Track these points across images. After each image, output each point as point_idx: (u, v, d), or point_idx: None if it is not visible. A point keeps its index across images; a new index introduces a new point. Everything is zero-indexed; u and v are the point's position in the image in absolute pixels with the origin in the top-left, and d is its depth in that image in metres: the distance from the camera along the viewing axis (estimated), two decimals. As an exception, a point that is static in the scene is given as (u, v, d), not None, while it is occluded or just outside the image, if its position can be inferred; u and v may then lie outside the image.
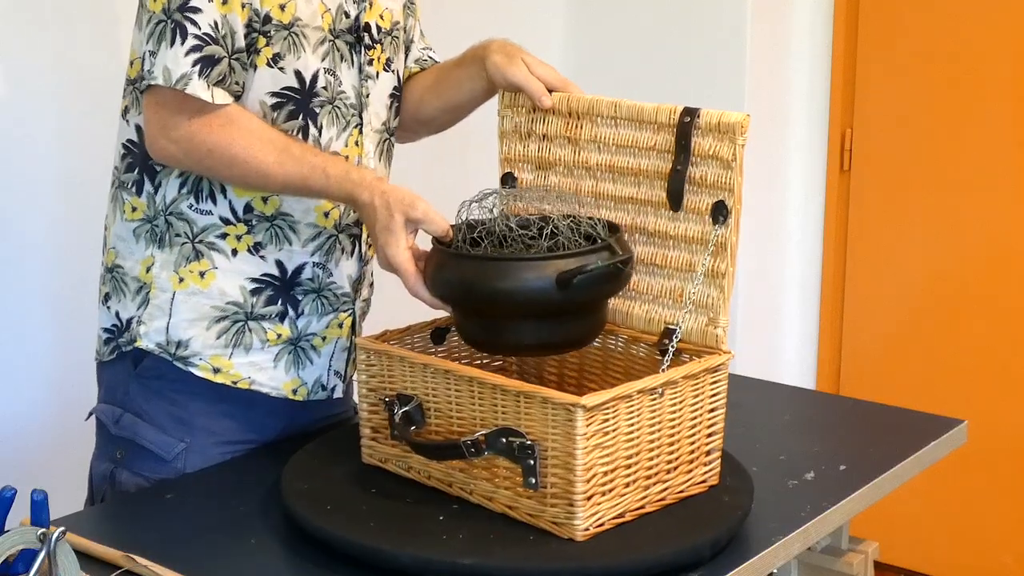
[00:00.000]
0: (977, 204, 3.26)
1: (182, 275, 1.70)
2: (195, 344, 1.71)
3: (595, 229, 1.56)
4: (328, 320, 1.78)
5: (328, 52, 1.69)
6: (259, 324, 1.73)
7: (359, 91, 1.74)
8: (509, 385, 1.45)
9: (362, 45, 1.74)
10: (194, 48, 1.56)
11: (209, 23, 1.57)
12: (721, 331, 1.56)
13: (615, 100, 1.64)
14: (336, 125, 1.72)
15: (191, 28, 1.56)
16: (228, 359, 1.72)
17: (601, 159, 1.67)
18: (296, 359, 1.76)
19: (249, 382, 1.73)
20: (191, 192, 1.68)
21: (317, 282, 1.75)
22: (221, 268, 1.70)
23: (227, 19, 1.58)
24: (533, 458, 1.43)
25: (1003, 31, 3.16)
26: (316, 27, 1.67)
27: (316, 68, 1.68)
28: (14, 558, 1.25)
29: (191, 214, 1.69)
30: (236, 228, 1.69)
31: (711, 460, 1.57)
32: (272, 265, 1.72)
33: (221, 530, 1.55)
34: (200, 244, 1.69)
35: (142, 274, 1.71)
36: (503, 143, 1.76)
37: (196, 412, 1.73)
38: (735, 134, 1.52)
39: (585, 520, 1.42)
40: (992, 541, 3.35)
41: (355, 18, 1.73)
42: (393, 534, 1.44)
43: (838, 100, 3.38)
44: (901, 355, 3.43)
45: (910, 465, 1.81)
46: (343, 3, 1.71)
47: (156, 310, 1.71)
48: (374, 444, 1.63)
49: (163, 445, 1.72)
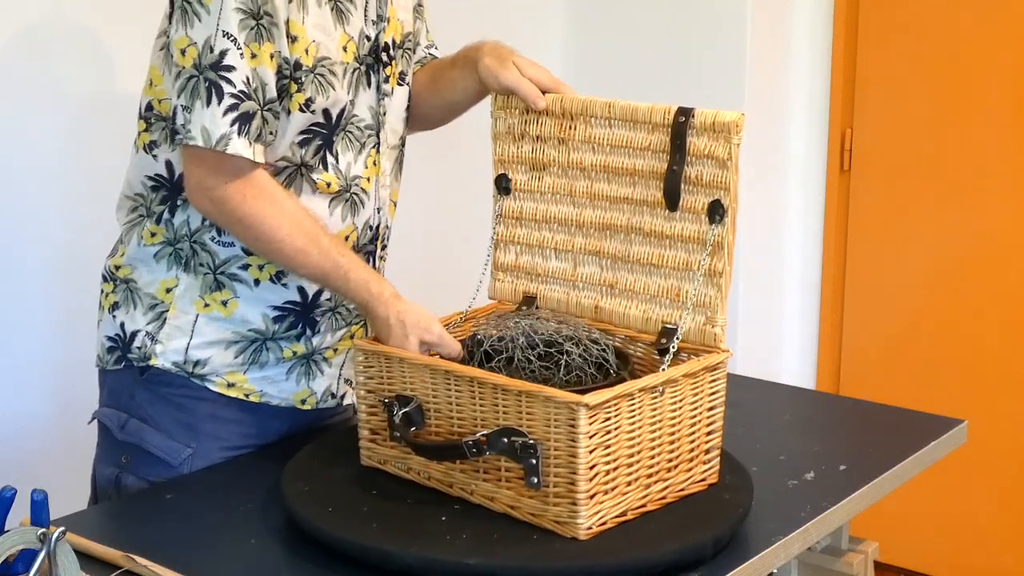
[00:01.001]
0: (977, 204, 3.25)
1: (207, 300, 1.70)
2: (213, 363, 1.72)
3: (606, 358, 1.58)
4: (341, 334, 1.79)
5: (351, 82, 1.69)
6: (276, 344, 1.74)
7: (376, 111, 1.74)
8: (510, 385, 1.45)
9: (380, 65, 1.74)
10: (231, 108, 1.55)
11: (242, 79, 1.56)
12: (719, 330, 1.56)
13: (609, 101, 1.64)
14: (351, 149, 1.71)
15: (227, 87, 1.55)
16: (243, 374, 1.74)
17: (596, 160, 1.67)
18: (308, 371, 1.78)
19: (260, 395, 1.75)
20: (213, 224, 1.68)
21: (334, 301, 1.76)
22: (244, 297, 1.71)
23: (257, 72, 1.57)
24: (535, 457, 1.43)
25: (1003, 31, 3.16)
26: (341, 62, 1.66)
27: (344, 102, 1.68)
28: (14, 558, 1.25)
29: (213, 246, 1.69)
30: (258, 258, 1.69)
31: (711, 458, 1.58)
32: (294, 292, 1.72)
33: (221, 530, 1.55)
34: (222, 276, 1.70)
35: (160, 293, 1.71)
36: (496, 145, 1.76)
37: (203, 418, 1.73)
38: (730, 133, 1.52)
39: (588, 519, 1.42)
40: (992, 541, 3.35)
41: (375, 39, 1.72)
42: (396, 535, 1.44)
43: (838, 100, 3.38)
44: (901, 355, 3.43)
45: (910, 465, 1.81)
46: (363, 27, 1.70)
47: (175, 331, 1.71)
48: (373, 446, 1.63)
49: (170, 451, 1.72)
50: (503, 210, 1.77)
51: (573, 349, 1.59)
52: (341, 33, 1.67)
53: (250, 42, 1.55)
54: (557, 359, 1.60)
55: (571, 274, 1.72)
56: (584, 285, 1.72)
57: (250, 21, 1.55)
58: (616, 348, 1.64)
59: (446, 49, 1.93)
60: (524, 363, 1.60)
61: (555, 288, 1.74)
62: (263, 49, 1.56)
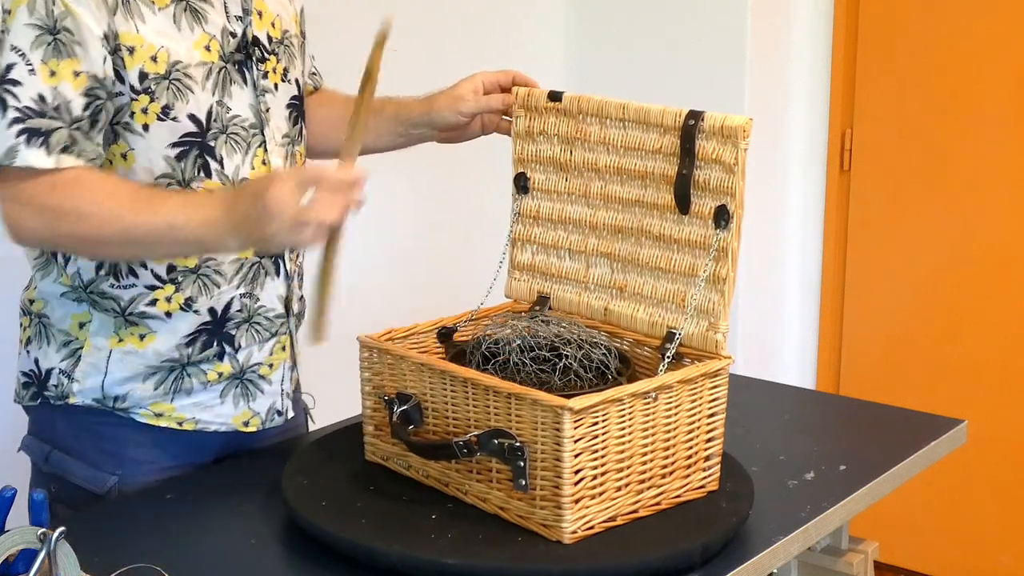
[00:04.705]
0: (977, 204, 3.26)
1: (121, 335, 1.64)
2: (134, 396, 1.67)
3: (607, 363, 1.58)
4: (270, 346, 1.73)
5: (217, 83, 1.62)
6: (197, 368, 1.68)
7: (257, 108, 1.67)
8: (501, 387, 1.45)
9: (253, 61, 1.66)
10: (16, 120, 1.47)
11: (31, 96, 1.48)
12: (721, 336, 1.55)
13: (623, 102, 1.64)
14: (238, 151, 1.64)
15: (11, 101, 1.47)
16: (170, 403, 1.68)
17: (610, 161, 1.67)
18: (245, 391, 1.72)
19: (195, 422, 1.70)
20: (109, 273, 1.62)
21: (246, 311, 1.69)
22: (160, 331, 1.65)
23: (58, 91, 1.48)
24: (523, 460, 1.43)
25: (1003, 31, 3.16)
26: (199, 63, 1.59)
27: (209, 104, 1.61)
28: (14, 558, 1.25)
29: (114, 291, 1.63)
30: (164, 290, 1.63)
31: (710, 465, 1.56)
32: (206, 314, 1.66)
33: (221, 530, 1.55)
34: (132, 316, 1.64)
35: (73, 329, 1.66)
36: (516, 143, 1.76)
37: (125, 443, 1.68)
38: (737, 138, 1.51)
39: (573, 523, 1.42)
40: (992, 541, 3.35)
41: (242, 35, 1.65)
42: (384, 532, 1.44)
43: (838, 100, 3.38)
44: (901, 355, 3.43)
45: (910, 465, 1.81)
46: (226, 24, 1.64)
47: (90, 368, 1.65)
48: (376, 442, 1.64)
49: (94, 481, 1.67)
50: (521, 209, 1.77)
51: (571, 352, 1.59)
52: (201, 33, 1.60)
53: (48, 59, 1.48)
54: (555, 363, 1.60)
55: (583, 275, 1.72)
56: (595, 287, 1.71)
57: (46, 37, 1.48)
58: (621, 352, 1.64)
59: (445, 49, 1.92)
60: (520, 366, 1.59)
61: (568, 289, 1.74)
62: (63, 65, 1.48)
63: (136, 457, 1.68)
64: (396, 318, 1.76)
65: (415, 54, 2.57)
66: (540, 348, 1.63)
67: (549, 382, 1.57)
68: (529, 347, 1.62)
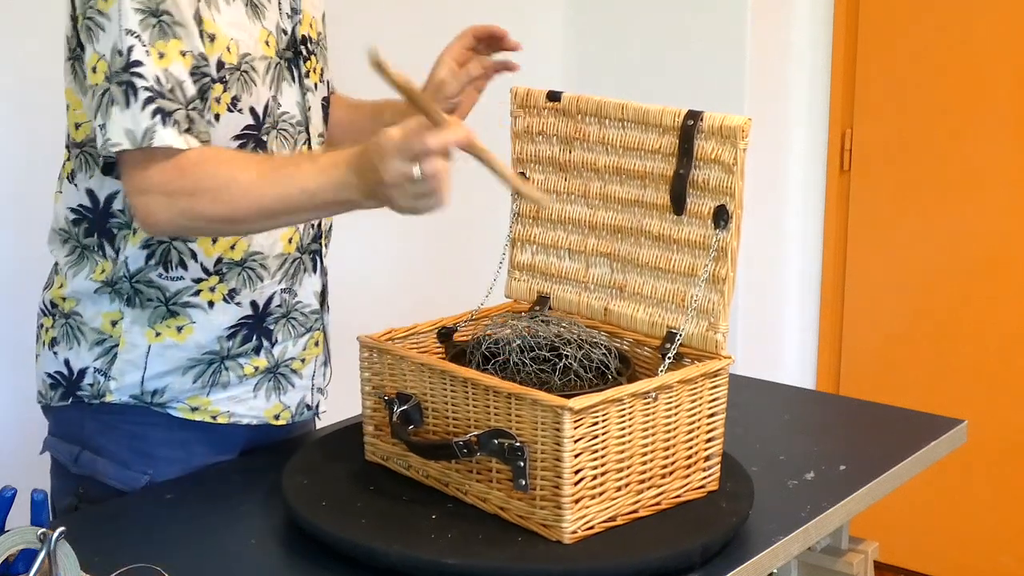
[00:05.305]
0: (977, 204, 3.26)
1: (158, 330, 1.65)
2: (171, 391, 1.67)
3: (607, 363, 1.58)
4: (304, 341, 1.76)
5: (273, 78, 1.64)
6: (235, 362, 1.69)
7: (303, 106, 1.70)
8: (501, 387, 1.45)
9: (300, 59, 1.69)
10: (149, 100, 1.48)
11: (153, 77, 1.48)
12: (721, 336, 1.55)
13: (622, 102, 1.64)
14: (287, 146, 1.67)
15: (140, 82, 1.47)
16: (206, 397, 1.69)
17: (609, 160, 1.67)
18: (277, 385, 1.73)
19: (228, 416, 1.71)
20: (159, 263, 1.62)
21: (285, 307, 1.71)
22: (199, 322, 1.66)
23: (170, 72, 1.49)
24: (523, 460, 1.43)
25: (1003, 31, 3.16)
26: (262, 57, 1.61)
27: (266, 99, 1.63)
28: (14, 558, 1.25)
29: (162, 282, 1.63)
30: (209, 281, 1.64)
31: (710, 465, 1.56)
32: (247, 307, 1.68)
33: (221, 530, 1.55)
34: (175, 305, 1.64)
35: (105, 327, 1.66)
36: (515, 143, 1.76)
37: (157, 443, 1.68)
38: (736, 138, 1.51)
39: (573, 523, 1.42)
40: (992, 541, 3.35)
41: (291, 32, 1.68)
42: (383, 532, 1.44)
43: (838, 100, 3.39)
44: (901, 355, 3.43)
45: (910, 465, 1.81)
46: (279, 21, 1.66)
47: (128, 365, 1.65)
48: (376, 442, 1.64)
49: (126, 480, 1.67)
50: (521, 209, 1.78)
51: (571, 352, 1.59)
52: (261, 28, 1.62)
53: (155, 40, 1.48)
54: (555, 363, 1.60)
55: (583, 275, 1.72)
56: (595, 287, 1.71)
57: (151, 19, 1.49)
58: (621, 352, 1.64)
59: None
60: (520, 366, 1.60)
61: (568, 289, 1.74)
62: (170, 46, 1.49)
63: (167, 456, 1.69)
64: (396, 318, 1.76)
65: (414, 54, 2.57)
66: (540, 348, 1.63)
67: (549, 382, 1.58)
68: (529, 347, 1.62)
